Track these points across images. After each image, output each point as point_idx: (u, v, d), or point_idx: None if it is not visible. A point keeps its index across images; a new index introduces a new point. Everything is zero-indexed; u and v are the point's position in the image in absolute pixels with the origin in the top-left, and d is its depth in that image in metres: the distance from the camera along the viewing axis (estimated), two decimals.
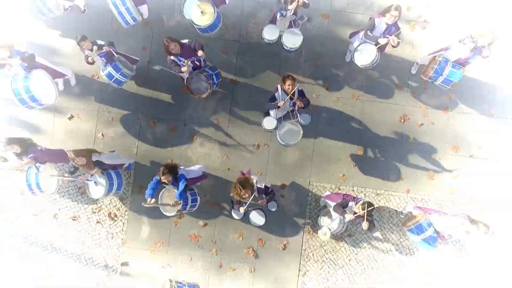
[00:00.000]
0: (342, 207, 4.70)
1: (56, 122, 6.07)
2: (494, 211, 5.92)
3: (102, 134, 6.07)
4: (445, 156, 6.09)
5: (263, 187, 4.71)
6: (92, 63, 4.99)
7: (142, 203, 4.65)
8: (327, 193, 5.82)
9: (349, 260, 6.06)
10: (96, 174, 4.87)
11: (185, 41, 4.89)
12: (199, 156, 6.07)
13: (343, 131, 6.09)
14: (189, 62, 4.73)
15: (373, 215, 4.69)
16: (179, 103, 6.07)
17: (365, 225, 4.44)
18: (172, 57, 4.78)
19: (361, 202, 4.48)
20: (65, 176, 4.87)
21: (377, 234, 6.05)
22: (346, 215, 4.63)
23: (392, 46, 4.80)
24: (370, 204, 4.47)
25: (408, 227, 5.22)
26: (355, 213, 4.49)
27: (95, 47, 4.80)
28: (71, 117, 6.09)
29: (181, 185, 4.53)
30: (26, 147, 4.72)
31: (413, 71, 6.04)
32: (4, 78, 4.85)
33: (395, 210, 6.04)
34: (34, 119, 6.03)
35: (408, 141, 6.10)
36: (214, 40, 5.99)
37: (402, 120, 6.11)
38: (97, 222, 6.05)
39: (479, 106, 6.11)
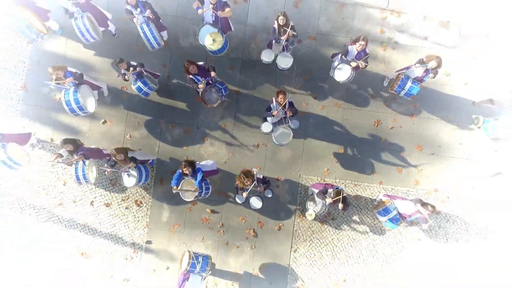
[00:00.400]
0: (323, 193, 6.03)
1: (92, 126, 7.40)
2: (452, 200, 7.28)
3: (130, 136, 7.39)
4: (411, 154, 7.43)
5: (261, 177, 6.05)
6: (128, 80, 6.30)
7: (173, 190, 5.96)
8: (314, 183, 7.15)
9: (332, 239, 7.40)
10: (131, 167, 6.18)
11: (200, 63, 6.19)
12: (209, 154, 7.39)
13: (328, 133, 7.42)
14: (205, 82, 6.05)
15: (346, 198, 6.01)
16: (193, 110, 7.39)
17: (340, 205, 5.77)
18: (191, 76, 6.09)
19: (336, 189, 5.81)
20: (110, 168, 6.17)
21: (355, 217, 7.39)
22: (326, 199, 5.96)
23: (361, 68, 6.12)
24: (340, 192, 5.77)
25: (377, 209, 6.58)
26: (332, 197, 5.82)
27: (131, 68, 6.11)
28: (104, 122, 7.40)
29: (199, 176, 5.86)
30: (77, 146, 6.04)
31: (385, 84, 7.36)
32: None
33: (370, 198, 7.37)
34: (75, 124, 7.35)
35: (381, 141, 7.43)
36: (222, 58, 7.28)
37: (376, 124, 7.44)
38: (126, 208, 7.37)
39: (439, 113, 7.44)
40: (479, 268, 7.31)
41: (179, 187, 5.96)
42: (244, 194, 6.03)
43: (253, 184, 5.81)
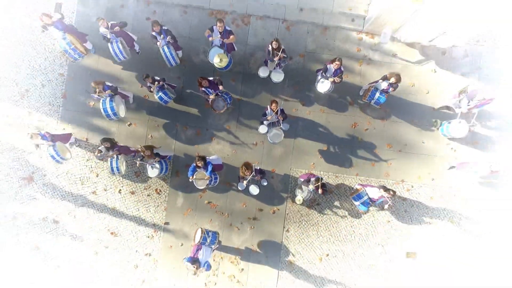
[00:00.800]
0: (307, 181, 7.63)
1: (120, 128, 8.98)
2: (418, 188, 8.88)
3: (151, 136, 8.98)
4: (382, 151, 9.02)
5: (258, 168, 7.65)
6: (153, 91, 7.90)
7: (190, 180, 7.54)
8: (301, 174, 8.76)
9: (317, 221, 8.99)
10: (155, 161, 7.77)
11: (210, 78, 7.77)
12: (216, 151, 8.96)
13: (313, 134, 9.01)
14: (214, 94, 7.65)
15: (325, 184, 7.60)
16: (203, 115, 8.99)
17: (320, 190, 7.36)
18: (203, 88, 7.69)
19: (316, 177, 7.42)
20: (140, 161, 7.75)
21: (336, 203, 8.99)
22: (309, 186, 7.56)
23: (337, 82, 7.72)
24: (319, 180, 7.37)
25: (352, 196, 8.18)
26: (313, 184, 7.42)
27: (156, 82, 7.71)
28: (129, 124, 8.99)
29: (209, 168, 7.45)
30: (112, 144, 7.62)
31: (361, 93, 8.92)
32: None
33: (348, 186, 8.97)
34: (105, 126, 8.94)
35: (357, 140, 9.02)
36: (226, 73, 8.85)
37: (353, 126, 9.03)
38: (148, 195, 8.97)
39: (405, 117, 9.03)
40: (437, 245, 8.91)
41: (194, 177, 7.56)
42: (245, 183, 7.63)
43: (252, 174, 7.40)
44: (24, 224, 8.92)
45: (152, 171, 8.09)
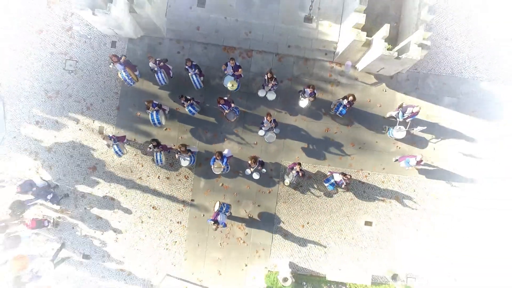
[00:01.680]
0: (291, 168, 11.18)
1: (159, 132, 12.48)
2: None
3: (181, 137, 12.50)
4: (347, 148, 12.55)
5: (260, 160, 11.22)
6: (185, 106, 11.42)
7: (212, 168, 11.09)
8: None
9: (300, 199, 12.52)
10: (187, 155, 11.29)
11: (225, 98, 11.27)
12: (228, 148, 12.47)
13: (298, 136, 12.53)
14: (229, 109, 11.19)
15: (303, 170, 11.14)
16: (219, 123, 12.51)
17: (300, 173, 10.90)
18: (220, 105, 11.20)
19: (298, 164, 10.96)
20: (178, 155, 11.26)
21: (314, 185, 12.51)
22: (292, 171, 11.11)
23: (311, 100, 11.26)
24: (300, 165, 10.92)
25: (324, 180, 11.74)
26: (296, 169, 10.96)
27: (187, 100, 11.24)
28: (165, 129, 12.51)
29: (225, 159, 10.98)
30: (158, 143, 11.13)
31: (332, 107, 12.43)
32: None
33: (322, 173, 12.50)
34: (148, 130, 12.46)
35: (329, 140, 12.56)
36: (236, 93, 12.34)
37: (326, 131, 12.56)
38: (179, 180, 12.49)
39: (364, 123, 12.55)
40: (387, 216, 12.45)
41: (213, 166, 11.09)
42: (249, 171, 11.17)
43: (257, 164, 10.93)
44: (90, 200, 12.44)
45: (184, 162, 11.61)
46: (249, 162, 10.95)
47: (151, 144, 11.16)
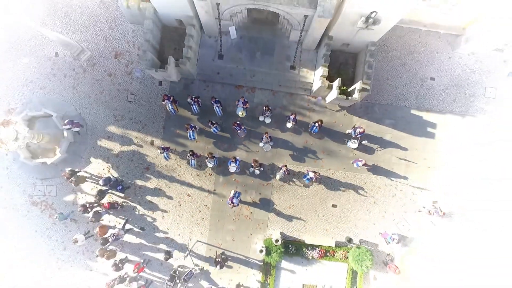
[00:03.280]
0: (281, 168, 17.11)
1: (191, 144, 18.38)
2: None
3: (207, 147, 18.40)
4: (320, 154, 18.48)
5: (260, 162, 17.17)
6: (210, 127, 17.35)
7: (229, 168, 17.04)
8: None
9: (288, 189, 18.43)
10: (212, 160, 17.16)
11: (238, 122, 17.14)
12: (238, 155, 18.37)
13: (286, 146, 18.46)
14: (240, 130, 17.10)
15: (289, 169, 17.01)
16: (232, 138, 18.42)
17: (286, 171, 16.80)
18: (234, 127, 17.08)
19: (284, 166, 16.86)
20: (208, 159, 17.13)
21: (296, 180, 18.42)
22: (282, 170, 17.03)
23: (294, 124, 17.18)
24: (286, 166, 16.83)
25: (303, 175, 17.70)
26: (283, 169, 16.86)
27: (213, 123, 17.15)
28: (196, 141, 18.42)
29: (237, 162, 16.89)
30: (193, 152, 17.00)
31: (309, 126, 18.34)
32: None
33: (302, 172, 18.39)
34: (183, 142, 18.36)
35: (307, 149, 18.48)
36: (244, 118, 18.22)
37: (306, 142, 18.50)
38: (205, 176, 18.40)
39: (331, 137, 18.47)
40: (347, 200, 18.39)
41: (230, 166, 17.02)
42: (255, 170, 17.10)
43: (259, 165, 16.86)
44: (145, 190, 18.31)
45: (210, 164, 17.48)
46: (253, 163, 16.86)
47: (189, 153, 17.05)
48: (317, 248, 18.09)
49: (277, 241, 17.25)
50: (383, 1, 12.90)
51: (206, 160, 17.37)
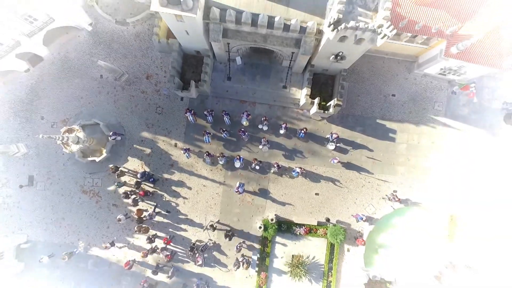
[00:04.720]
0: (274, 164, 22.46)
1: (206, 146, 23.73)
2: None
3: (218, 148, 23.75)
4: (306, 154, 23.87)
5: (259, 160, 22.59)
6: (222, 134, 22.71)
7: (235, 164, 22.44)
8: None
9: (281, 180, 23.81)
10: (223, 158, 22.48)
11: (242, 129, 22.43)
12: (243, 154, 23.70)
13: (279, 148, 23.82)
14: (244, 135, 22.44)
15: (281, 165, 22.34)
16: (237, 141, 23.75)
17: (277, 168, 22.14)
18: (239, 133, 22.41)
19: (276, 163, 22.21)
20: (219, 157, 22.44)
21: (287, 173, 23.79)
22: (275, 166, 22.38)
23: (285, 131, 22.52)
24: (279, 164, 22.20)
25: (292, 170, 23.10)
26: (275, 165, 22.21)
27: (223, 131, 22.50)
28: (210, 144, 23.75)
29: (242, 160, 22.24)
30: (209, 153, 22.32)
31: (297, 132, 23.68)
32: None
33: (292, 168, 23.77)
34: (200, 145, 23.71)
35: (296, 150, 23.86)
36: (248, 126, 23.54)
37: (295, 145, 23.86)
38: (217, 171, 23.75)
39: (315, 140, 23.86)
40: (330, 190, 23.78)
41: (236, 163, 22.39)
42: (253, 165, 22.48)
43: (258, 162, 22.23)
44: (170, 182, 23.64)
45: (221, 161, 22.84)
46: (253, 161, 22.25)
47: (205, 153, 22.42)
48: (303, 226, 23.41)
49: (272, 220, 22.62)
50: (345, 47, 18.26)
51: (218, 158, 22.69)
